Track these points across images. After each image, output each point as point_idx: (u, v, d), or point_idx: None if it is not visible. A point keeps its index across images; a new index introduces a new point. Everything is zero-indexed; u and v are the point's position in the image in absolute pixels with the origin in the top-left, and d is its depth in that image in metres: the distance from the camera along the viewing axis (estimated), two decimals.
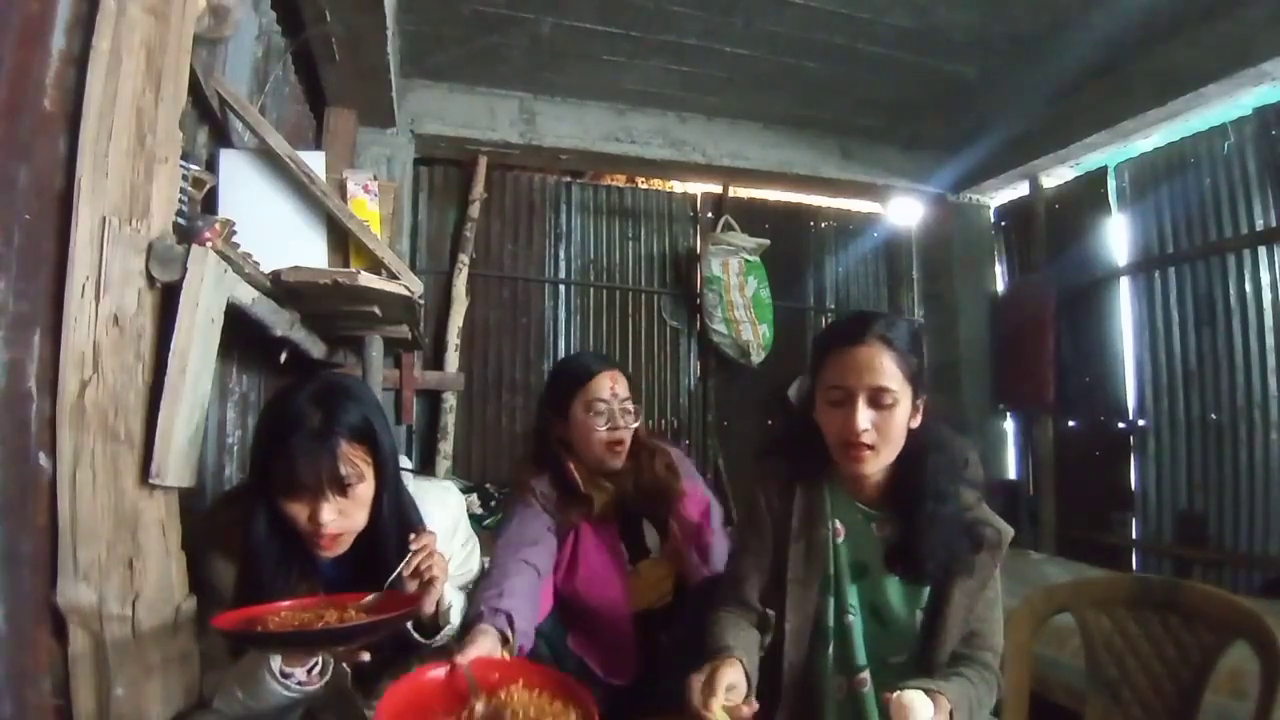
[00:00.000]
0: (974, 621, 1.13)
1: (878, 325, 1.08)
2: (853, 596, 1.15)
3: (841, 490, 1.18)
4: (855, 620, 1.14)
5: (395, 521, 1.11)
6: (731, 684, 0.99)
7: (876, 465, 1.10)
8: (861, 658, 1.14)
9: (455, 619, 1.20)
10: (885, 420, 1.06)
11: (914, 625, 1.14)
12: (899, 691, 0.96)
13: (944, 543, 1.09)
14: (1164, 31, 2.79)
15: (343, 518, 1.04)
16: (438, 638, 1.17)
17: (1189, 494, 3.03)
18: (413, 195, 3.42)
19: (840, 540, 1.16)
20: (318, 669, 1.04)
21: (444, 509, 1.26)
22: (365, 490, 1.06)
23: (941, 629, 1.11)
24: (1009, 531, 1.15)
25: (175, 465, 1.05)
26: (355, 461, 1.04)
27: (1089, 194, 3.55)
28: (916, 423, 1.11)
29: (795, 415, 1.32)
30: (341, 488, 1.03)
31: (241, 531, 1.07)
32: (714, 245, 3.70)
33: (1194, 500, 3.01)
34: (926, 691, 0.97)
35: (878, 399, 1.06)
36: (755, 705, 0.99)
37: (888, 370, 1.06)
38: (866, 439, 1.06)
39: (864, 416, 1.05)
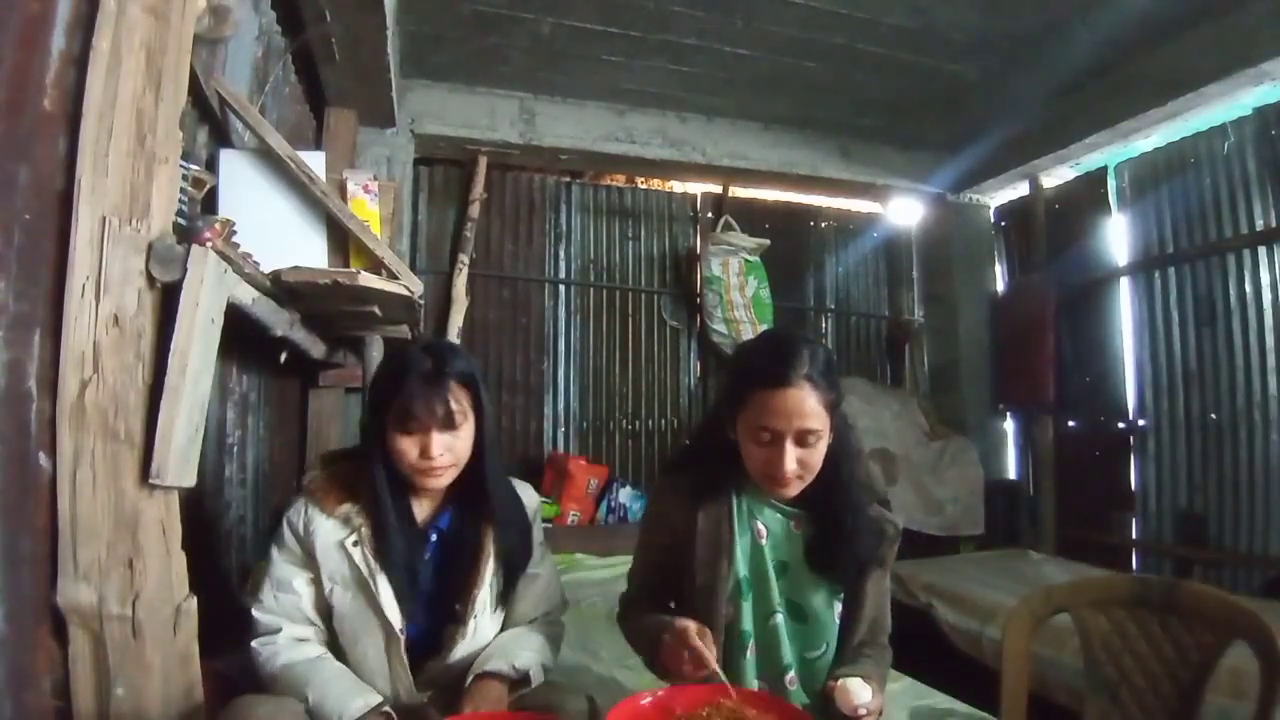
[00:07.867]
0: (873, 609, 1.23)
1: (802, 364, 1.08)
2: (778, 595, 1.18)
3: (756, 494, 1.21)
4: (781, 619, 1.18)
5: (496, 472, 1.25)
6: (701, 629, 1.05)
7: (799, 489, 1.14)
8: (788, 656, 1.17)
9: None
10: (810, 455, 1.10)
11: (832, 618, 1.20)
12: (841, 679, 1.04)
13: (864, 542, 1.18)
14: (1164, 31, 2.78)
15: (449, 452, 1.16)
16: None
17: (1189, 494, 3.03)
18: (413, 195, 3.41)
19: (764, 542, 1.19)
20: None
21: (529, 495, 1.34)
22: (468, 430, 1.18)
23: (860, 617, 1.20)
24: (901, 524, 1.26)
25: (175, 465, 1.05)
26: (461, 401, 1.16)
27: (1089, 194, 3.55)
28: (831, 439, 1.14)
29: (705, 430, 1.33)
30: (450, 423, 1.15)
31: (365, 481, 1.17)
32: (714, 245, 3.70)
33: (1194, 500, 3.00)
34: (863, 678, 1.05)
35: (804, 439, 1.09)
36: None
37: (815, 411, 1.08)
38: (793, 474, 1.10)
39: (791, 456, 1.08)
